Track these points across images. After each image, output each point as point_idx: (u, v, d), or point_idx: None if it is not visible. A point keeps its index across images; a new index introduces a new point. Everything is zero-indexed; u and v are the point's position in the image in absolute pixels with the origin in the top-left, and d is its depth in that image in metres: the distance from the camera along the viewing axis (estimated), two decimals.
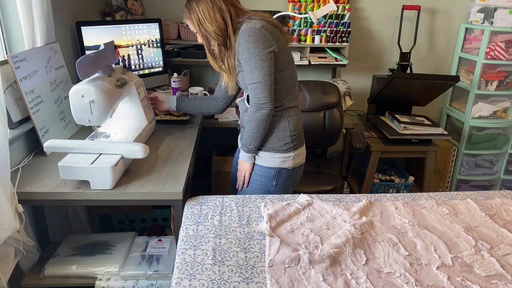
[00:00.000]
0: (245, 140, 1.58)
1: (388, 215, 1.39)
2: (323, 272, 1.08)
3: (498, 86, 2.84)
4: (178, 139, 1.85)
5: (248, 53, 1.45)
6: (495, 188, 3.12)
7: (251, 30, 1.44)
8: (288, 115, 1.58)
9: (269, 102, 1.49)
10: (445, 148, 2.91)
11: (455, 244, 1.24)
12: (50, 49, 1.73)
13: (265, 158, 1.62)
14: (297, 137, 1.63)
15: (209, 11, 1.49)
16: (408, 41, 2.90)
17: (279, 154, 1.60)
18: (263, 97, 1.48)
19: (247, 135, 1.56)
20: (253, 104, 1.51)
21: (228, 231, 1.28)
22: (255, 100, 1.50)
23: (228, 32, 1.51)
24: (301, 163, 1.69)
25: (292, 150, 1.61)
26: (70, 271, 1.57)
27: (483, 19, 2.77)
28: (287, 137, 1.59)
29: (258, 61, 1.45)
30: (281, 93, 1.55)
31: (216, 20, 1.49)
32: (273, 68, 1.48)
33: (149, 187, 1.43)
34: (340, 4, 2.71)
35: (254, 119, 1.52)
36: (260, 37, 1.44)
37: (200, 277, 1.07)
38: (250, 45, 1.44)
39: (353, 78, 3.05)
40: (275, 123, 1.57)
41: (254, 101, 1.50)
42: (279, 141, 1.59)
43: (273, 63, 1.48)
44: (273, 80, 1.50)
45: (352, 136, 2.34)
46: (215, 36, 1.51)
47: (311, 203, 1.44)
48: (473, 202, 1.48)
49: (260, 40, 1.44)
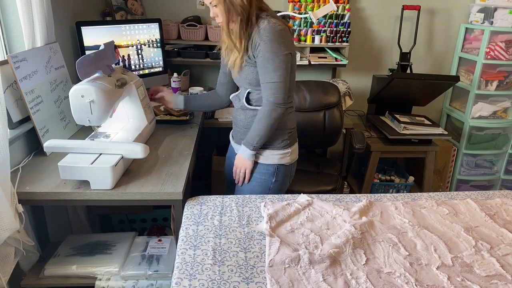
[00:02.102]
0: (252, 138, 1.57)
1: (388, 215, 1.39)
2: (323, 272, 1.08)
3: (498, 86, 2.84)
4: (178, 139, 1.85)
5: (272, 52, 1.45)
6: (495, 188, 3.12)
7: (275, 30, 1.44)
8: (288, 112, 1.61)
9: (286, 103, 1.52)
10: (445, 148, 2.91)
11: (455, 244, 1.24)
12: (50, 49, 1.73)
13: (265, 155, 1.63)
14: (292, 134, 1.66)
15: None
16: (408, 41, 2.90)
17: (278, 151, 1.63)
18: (282, 98, 1.50)
19: (256, 133, 1.56)
20: (270, 102, 1.51)
21: (228, 231, 1.28)
22: (273, 99, 1.50)
23: (249, 14, 1.47)
24: (296, 158, 1.73)
25: (289, 146, 1.64)
26: (70, 271, 1.57)
27: (483, 19, 2.77)
28: (284, 134, 1.62)
29: (281, 62, 1.46)
30: (288, 94, 1.57)
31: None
32: (289, 70, 1.51)
33: (149, 187, 1.43)
34: (340, 4, 2.71)
35: (269, 118, 1.52)
36: (284, 39, 1.46)
37: (200, 277, 1.07)
38: (274, 44, 1.44)
39: (353, 78, 3.05)
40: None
41: (273, 100, 1.50)
42: (278, 138, 1.62)
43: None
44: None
45: (352, 136, 2.34)
46: (240, 10, 1.45)
47: (311, 203, 1.44)
48: (473, 202, 1.48)
49: (283, 41, 1.46)
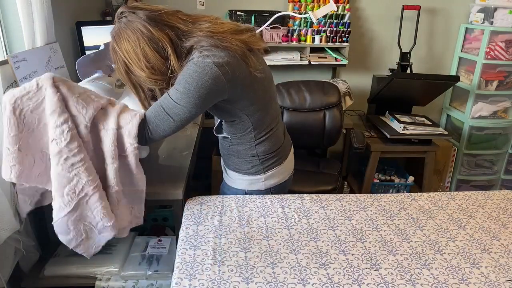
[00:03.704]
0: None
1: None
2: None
3: (498, 86, 2.84)
4: (178, 139, 1.85)
5: (185, 82, 1.16)
6: (495, 188, 3.12)
7: (203, 67, 1.14)
8: (257, 143, 1.40)
9: (151, 140, 1.26)
10: (445, 148, 2.91)
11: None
12: (50, 49, 1.73)
13: (233, 178, 1.49)
14: (270, 158, 1.43)
15: (134, 49, 1.17)
16: (408, 41, 2.90)
17: (247, 176, 1.44)
18: (161, 131, 1.23)
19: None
20: (152, 125, 1.22)
21: (228, 231, 1.28)
22: (153, 127, 1.21)
23: (170, 68, 1.20)
24: (278, 183, 1.50)
25: (262, 172, 1.44)
26: (70, 271, 1.57)
27: (483, 19, 2.77)
28: (254, 160, 1.42)
29: (190, 100, 1.17)
30: (245, 128, 1.37)
31: (148, 60, 1.17)
32: (198, 114, 1.24)
33: (149, 187, 1.43)
34: (340, 4, 2.71)
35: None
36: (210, 80, 1.15)
37: (200, 277, 1.07)
38: (190, 80, 1.15)
39: (353, 78, 3.05)
40: (241, 150, 1.42)
41: (152, 128, 1.21)
42: (246, 163, 1.43)
43: (205, 108, 1.26)
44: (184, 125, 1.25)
45: (352, 136, 2.34)
46: (152, 82, 1.22)
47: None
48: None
49: (206, 84, 1.15)
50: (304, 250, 1.20)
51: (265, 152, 1.42)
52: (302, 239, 1.25)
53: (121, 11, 1.22)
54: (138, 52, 1.18)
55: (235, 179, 1.49)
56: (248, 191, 1.49)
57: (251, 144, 1.40)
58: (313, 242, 1.24)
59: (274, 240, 1.24)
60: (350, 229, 1.31)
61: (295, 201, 1.48)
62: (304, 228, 1.32)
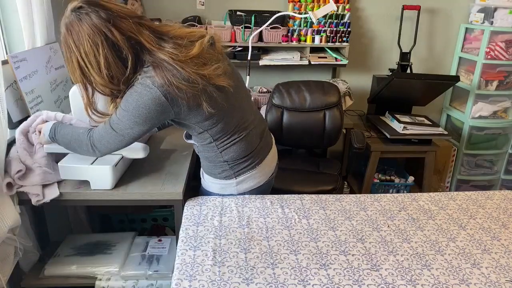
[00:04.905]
0: (59, 131, 1.31)
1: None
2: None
3: (498, 86, 2.84)
4: (178, 139, 1.85)
5: (126, 100, 1.16)
6: (495, 188, 3.12)
7: (143, 87, 1.13)
8: (221, 151, 1.37)
9: (101, 153, 1.28)
10: (445, 148, 2.91)
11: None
12: (50, 49, 1.73)
13: (207, 181, 1.49)
14: (240, 163, 1.40)
15: (95, 53, 1.09)
16: (408, 41, 2.90)
17: (218, 180, 1.44)
18: (106, 143, 1.24)
19: (64, 136, 1.30)
20: (91, 137, 1.25)
21: (228, 232, 1.28)
22: (95, 138, 1.25)
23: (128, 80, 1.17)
24: (253, 187, 1.47)
25: (233, 177, 1.42)
26: (70, 271, 1.57)
27: (483, 19, 2.77)
28: (223, 165, 1.40)
29: (130, 118, 1.18)
30: (205, 139, 1.35)
31: (109, 68, 1.11)
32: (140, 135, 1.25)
33: (149, 187, 1.43)
34: (340, 4, 2.70)
35: (78, 144, 1.28)
36: (149, 101, 1.14)
37: (200, 278, 1.07)
38: (130, 99, 1.15)
39: (353, 78, 3.05)
40: (209, 157, 1.41)
41: (94, 138, 1.25)
42: (217, 168, 1.42)
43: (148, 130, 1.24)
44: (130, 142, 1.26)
45: (352, 136, 2.34)
46: (107, 91, 1.19)
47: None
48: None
49: (145, 104, 1.14)
50: (304, 251, 1.20)
51: (233, 158, 1.39)
52: (302, 240, 1.25)
53: (79, 5, 1.11)
54: (100, 59, 1.10)
55: (208, 182, 1.49)
56: (221, 195, 1.48)
57: (216, 152, 1.38)
58: (313, 243, 1.24)
59: (274, 241, 1.24)
60: (350, 229, 1.31)
61: (295, 201, 1.48)
62: (304, 228, 1.32)
